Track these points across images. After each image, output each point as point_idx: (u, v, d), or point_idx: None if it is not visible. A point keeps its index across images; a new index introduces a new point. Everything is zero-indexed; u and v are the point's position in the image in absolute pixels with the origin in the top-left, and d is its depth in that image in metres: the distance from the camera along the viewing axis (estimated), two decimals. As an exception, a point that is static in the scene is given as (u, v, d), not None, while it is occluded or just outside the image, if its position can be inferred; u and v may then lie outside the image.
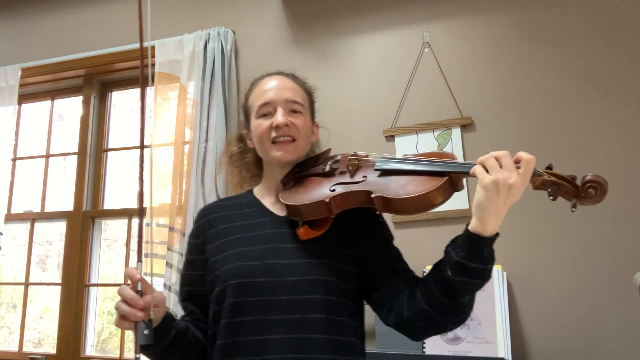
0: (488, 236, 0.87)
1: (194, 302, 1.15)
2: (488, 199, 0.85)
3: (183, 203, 2.21)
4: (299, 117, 1.13)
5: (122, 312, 0.90)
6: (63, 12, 2.83)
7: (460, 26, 2.14)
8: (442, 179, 0.92)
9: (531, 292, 1.85)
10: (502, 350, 1.59)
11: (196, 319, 1.14)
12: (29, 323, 3.01)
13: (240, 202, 1.19)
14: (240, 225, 1.12)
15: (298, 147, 1.13)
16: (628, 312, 1.74)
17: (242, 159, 1.28)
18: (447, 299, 0.91)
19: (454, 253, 0.90)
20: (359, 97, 2.22)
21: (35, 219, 2.73)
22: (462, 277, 0.88)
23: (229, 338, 1.00)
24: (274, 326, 0.98)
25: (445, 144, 2.05)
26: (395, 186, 0.96)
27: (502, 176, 0.84)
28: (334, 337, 0.99)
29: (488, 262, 0.88)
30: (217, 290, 1.05)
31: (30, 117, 3.00)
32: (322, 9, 2.36)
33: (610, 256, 1.80)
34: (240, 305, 1.00)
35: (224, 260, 1.07)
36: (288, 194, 1.08)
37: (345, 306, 1.03)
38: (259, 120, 1.14)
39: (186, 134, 2.30)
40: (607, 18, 1.97)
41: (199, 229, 1.18)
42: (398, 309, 0.99)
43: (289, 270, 1.01)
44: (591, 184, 0.86)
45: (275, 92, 1.14)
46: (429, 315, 0.94)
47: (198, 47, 2.35)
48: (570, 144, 1.92)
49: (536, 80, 2.00)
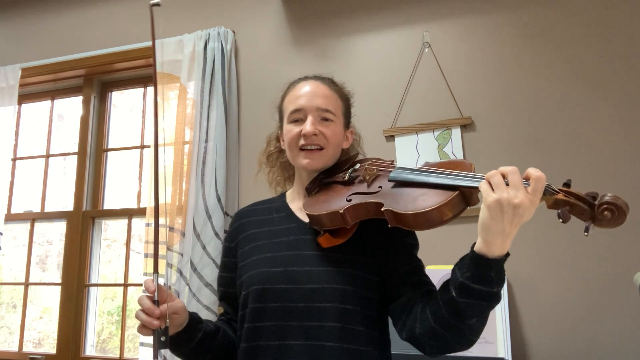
0: (494, 257, 0.82)
1: (228, 303, 1.20)
2: (492, 219, 0.80)
3: (183, 203, 2.21)
4: (329, 126, 1.13)
5: (141, 321, 0.96)
6: (63, 12, 2.83)
7: (460, 26, 2.14)
8: (452, 194, 0.87)
9: (531, 292, 1.85)
10: (502, 350, 1.59)
11: (230, 319, 1.19)
12: (29, 323, 3.01)
13: (271, 207, 1.21)
14: (268, 231, 1.14)
15: (325, 155, 1.13)
16: (628, 312, 1.74)
17: (279, 159, 1.28)
18: (455, 320, 0.87)
19: (459, 273, 0.86)
20: (359, 97, 2.19)
21: (35, 219, 2.73)
22: (467, 298, 0.84)
23: (250, 342, 1.03)
24: (292, 332, 0.99)
25: (445, 144, 2.05)
26: (406, 200, 0.92)
27: (507, 195, 0.79)
28: (349, 346, 0.98)
29: (495, 284, 0.83)
30: (242, 295, 1.09)
31: (30, 117, 3.00)
32: (322, 9, 2.36)
33: (610, 256, 1.80)
34: (261, 311, 1.03)
35: (249, 266, 1.10)
36: (310, 202, 1.08)
37: (363, 315, 1.01)
38: (289, 125, 1.14)
39: (186, 134, 2.30)
40: (607, 18, 1.97)
41: (232, 232, 1.22)
42: (411, 324, 0.96)
43: (308, 278, 1.02)
44: (607, 206, 0.78)
45: (308, 98, 1.13)
46: (438, 333, 0.90)
47: (198, 47, 2.35)
48: (570, 144, 1.92)
49: (536, 80, 2.00)
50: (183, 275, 2.13)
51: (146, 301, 0.96)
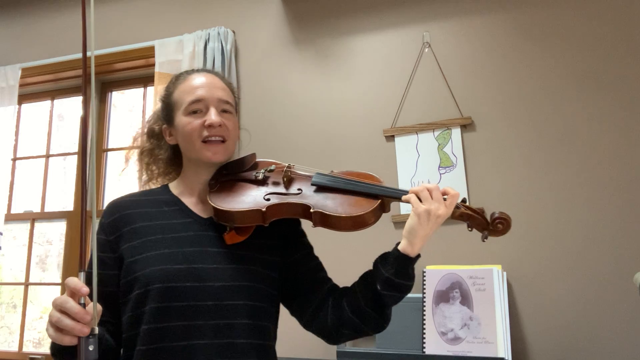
0: (414, 257, 0.98)
1: (103, 304, 0.96)
2: (420, 225, 0.96)
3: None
4: (230, 118, 1.12)
5: (66, 327, 0.79)
6: (63, 12, 2.83)
7: (460, 26, 2.14)
8: (376, 202, 1.01)
9: (531, 292, 1.85)
10: (502, 350, 1.59)
11: (105, 322, 1.03)
12: (29, 323, 3.01)
13: (158, 199, 1.13)
14: (162, 225, 1.07)
15: (228, 148, 1.11)
16: (628, 312, 1.74)
17: (152, 156, 1.24)
18: (374, 310, 1.01)
19: (384, 270, 0.99)
20: (359, 97, 2.22)
21: (35, 219, 2.72)
22: (389, 291, 0.98)
23: (152, 344, 0.96)
24: (200, 331, 0.97)
25: (445, 144, 2.04)
26: (334, 204, 1.02)
27: (434, 207, 0.96)
28: (258, 342, 1.03)
29: (411, 279, 1.00)
30: (136, 294, 0.99)
31: (30, 117, 3.00)
32: (322, 9, 2.36)
33: (610, 256, 1.80)
34: (165, 310, 0.97)
35: (144, 262, 1.01)
36: (218, 198, 1.06)
37: (269, 312, 1.08)
38: (188, 117, 1.09)
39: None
40: (607, 17, 1.96)
41: (111, 225, 1.08)
42: (322, 316, 1.06)
43: (216, 276, 1.01)
44: (499, 220, 1.00)
45: (207, 90, 1.11)
46: (354, 323, 1.02)
47: (198, 47, 2.35)
48: (570, 144, 1.92)
49: (536, 79, 2.00)
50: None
51: (73, 304, 0.79)
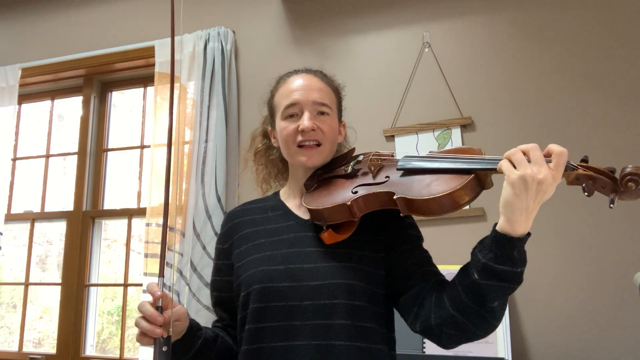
0: (517, 236, 0.82)
1: (223, 308, 1.14)
2: (516, 196, 0.79)
3: (183, 203, 2.21)
4: (325, 121, 1.09)
5: (142, 329, 0.88)
6: (63, 12, 2.83)
7: (460, 26, 2.14)
8: (467, 177, 0.86)
9: (531, 292, 1.84)
10: (502, 350, 1.59)
11: (227, 325, 1.13)
12: (29, 323, 3.01)
13: (265, 206, 1.17)
14: (265, 230, 1.10)
15: (323, 151, 1.09)
16: (628, 312, 1.74)
17: (267, 156, 1.25)
18: (476, 305, 0.85)
19: (481, 255, 0.84)
20: (359, 97, 2.22)
21: (35, 219, 2.72)
22: (490, 280, 0.82)
23: (252, 344, 0.98)
24: (297, 332, 0.95)
25: (445, 144, 2.05)
26: (419, 186, 0.90)
27: (531, 171, 0.79)
28: (360, 344, 0.94)
29: (518, 264, 0.82)
30: (242, 296, 1.03)
31: (30, 117, 3.00)
32: (322, 9, 2.36)
33: (610, 256, 1.80)
34: (264, 311, 0.98)
35: (248, 265, 1.05)
36: (311, 198, 1.05)
37: (372, 312, 0.98)
38: (284, 122, 1.10)
39: (186, 134, 2.30)
40: (607, 17, 1.96)
41: (225, 234, 1.16)
42: (425, 315, 0.93)
43: (312, 275, 0.98)
44: (631, 177, 0.78)
45: (303, 92, 1.09)
46: (457, 321, 0.88)
47: (198, 47, 2.35)
48: (571, 144, 1.91)
49: (536, 79, 2.00)
50: (183, 275, 2.13)
51: (148, 307, 0.88)
